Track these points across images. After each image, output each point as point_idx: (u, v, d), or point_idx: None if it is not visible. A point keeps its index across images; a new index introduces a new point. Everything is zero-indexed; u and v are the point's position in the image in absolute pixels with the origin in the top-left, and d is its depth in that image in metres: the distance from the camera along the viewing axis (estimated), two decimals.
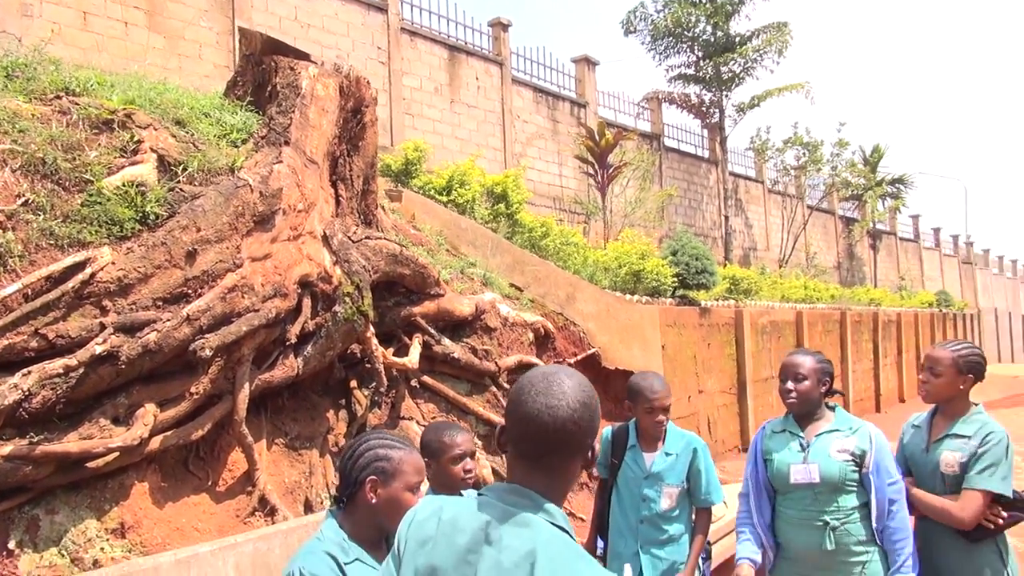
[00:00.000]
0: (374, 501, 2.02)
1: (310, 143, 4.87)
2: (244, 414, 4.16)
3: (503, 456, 6.05)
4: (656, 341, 8.70)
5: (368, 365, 5.15)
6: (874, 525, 2.76)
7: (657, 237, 13.66)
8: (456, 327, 5.99)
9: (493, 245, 7.24)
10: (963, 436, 2.81)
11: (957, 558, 2.80)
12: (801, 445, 2.90)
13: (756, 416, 10.91)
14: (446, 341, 5.76)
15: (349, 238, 5.04)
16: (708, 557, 3.48)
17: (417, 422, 5.45)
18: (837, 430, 2.88)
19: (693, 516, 3.35)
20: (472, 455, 2.68)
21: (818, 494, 2.81)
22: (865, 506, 2.79)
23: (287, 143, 4.72)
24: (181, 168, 4.21)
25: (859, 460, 2.79)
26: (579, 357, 7.42)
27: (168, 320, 3.77)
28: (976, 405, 2.92)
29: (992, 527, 2.74)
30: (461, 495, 2.40)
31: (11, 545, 3.30)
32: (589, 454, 1.40)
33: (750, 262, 18.48)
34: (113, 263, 3.71)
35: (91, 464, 3.52)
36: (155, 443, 3.78)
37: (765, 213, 20.57)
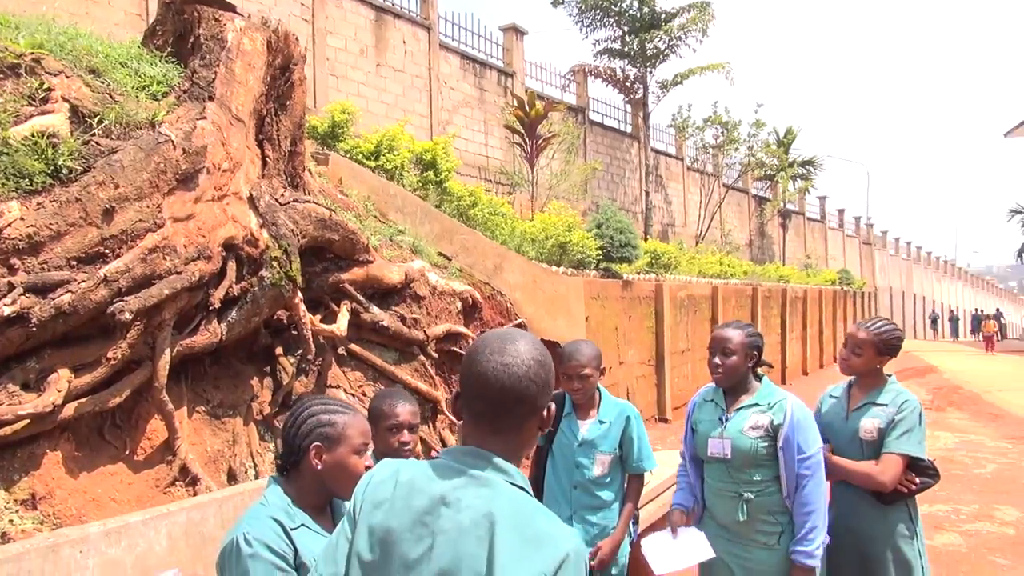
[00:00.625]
0: (319, 467, 1.98)
1: (236, 100, 4.66)
2: (164, 381, 3.99)
3: (435, 428, 6.05)
4: (581, 313, 8.84)
5: (295, 332, 5.03)
6: (785, 499, 2.83)
7: (581, 210, 13.80)
8: (385, 295, 5.91)
9: (422, 213, 7.15)
10: (881, 404, 2.97)
11: (872, 519, 2.95)
12: (721, 419, 2.96)
13: (673, 387, 11.27)
14: (375, 309, 5.68)
15: (276, 200, 4.87)
16: (636, 522, 3.59)
17: (344, 390, 5.37)
18: (756, 404, 2.90)
19: (625, 483, 3.44)
20: (411, 428, 2.65)
21: (732, 467, 2.88)
22: (779, 479, 2.85)
23: (211, 98, 4.49)
24: (96, 120, 3.95)
25: (773, 435, 2.82)
26: (506, 327, 7.47)
27: (83, 281, 3.56)
28: (890, 376, 3.08)
29: (905, 491, 2.90)
30: None
31: None
32: (544, 414, 1.40)
33: (668, 237, 18.94)
34: (22, 219, 3.46)
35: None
36: (69, 410, 3.59)
37: (684, 190, 21.08)
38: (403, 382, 5.80)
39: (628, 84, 17.56)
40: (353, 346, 5.59)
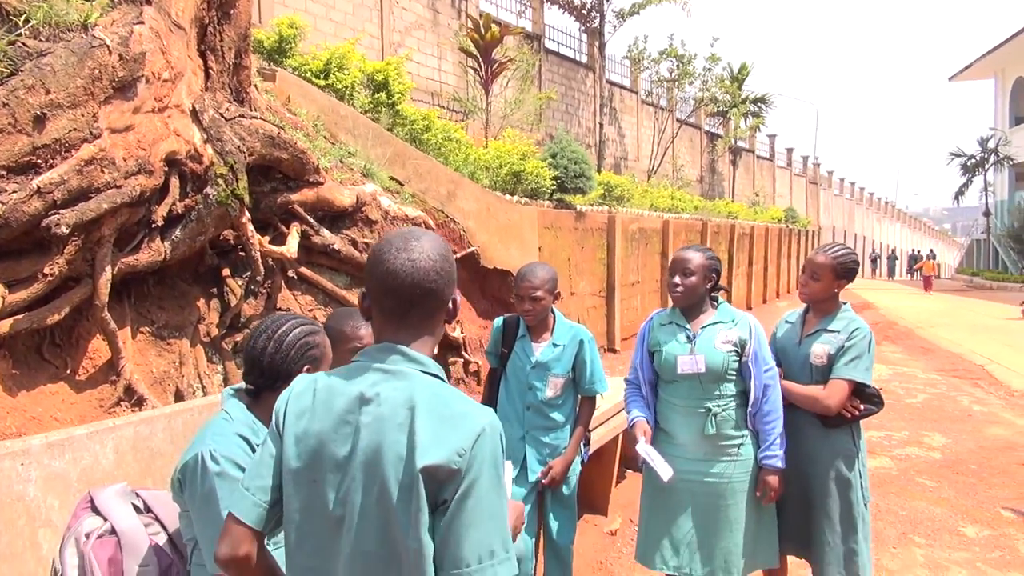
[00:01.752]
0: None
1: (176, 5, 4.37)
2: (106, 299, 3.85)
3: None
4: (534, 242, 8.82)
5: (243, 253, 4.89)
6: (749, 410, 2.96)
7: (536, 140, 13.62)
8: (336, 218, 5.77)
9: (374, 135, 6.94)
10: (833, 331, 3.03)
11: (815, 442, 3.06)
12: (688, 337, 3.03)
13: (623, 319, 11.44)
14: (325, 232, 5.55)
15: (221, 115, 4.65)
16: (587, 443, 3.66)
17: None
18: (720, 322, 3.02)
19: (577, 406, 3.49)
20: None
21: (703, 383, 2.96)
22: (743, 393, 2.99)
23: (148, 2, 4.21)
24: (23, 19, 3.67)
25: (740, 350, 2.95)
26: (459, 255, 7.41)
27: (15, 192, 3.37)
28: (844, 304, 3.12)
29: (849, 416, 3.01)
30: None
31: None
32: (451, 306, 1.47)
33: (621, 171, 18.93)
34: None
35: None
36: (4, 327, 3.44)
37: (637, 124, 20.99)
38: (354, 306, 5.73)
39: (584, 12, 17.21)
40: (303, 269, 5.48)
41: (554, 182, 9.62)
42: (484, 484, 1.28)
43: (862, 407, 3.04)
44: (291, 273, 5.38)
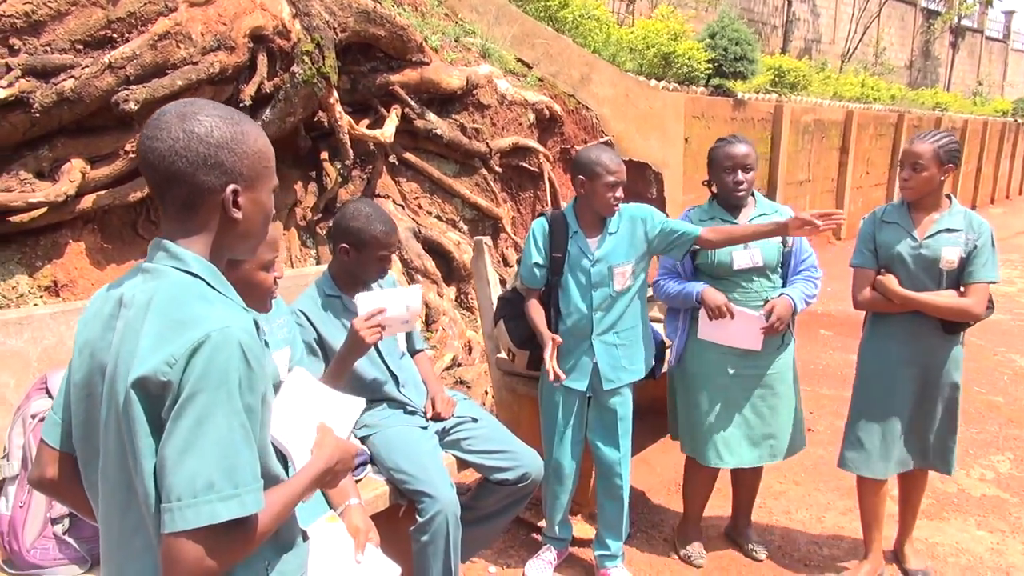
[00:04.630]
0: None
1: None
2: None
3: (496, 246, 5.81)
4: (679, 133, 8.08)
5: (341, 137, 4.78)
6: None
7: (708, 22, 12.36)
8: (444, 102, 5.50)
9: (498, 12, 6.49)
10: (956, 230, 2.77)
11: (937, 349, 2.86)
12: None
13: None
14: (430, 116, 5.31)
15: None
16: (660, 360, 3.24)
17: (394, 201, 5.17)
18: (764, 214, 3.01)
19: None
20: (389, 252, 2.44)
21: (757, 277, 2.97)
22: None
23: None
24: None
25: (783, 240, 2.97)
26: (589, 145, 6.92)
27: (88, 66, 3.39)
28: (950, 196, 2.86)
29: (973, 321, 2.81)
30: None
31: None
32: (228, 192, 1.16)
33: (812, 55, 16.92)
34: None
35: (15, 218, 3.34)
36: (87, 202, 3.57)
37: (836, 0, 18.51)
38: (461, 195, 5.53)
39: None
40: (408, 155, 5.31)
41: (710, 65, 8.67)
42: (205, 402, 1.04)
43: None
44: (393, 159, 5.23)
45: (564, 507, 3.05)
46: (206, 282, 1.15)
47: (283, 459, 1.29)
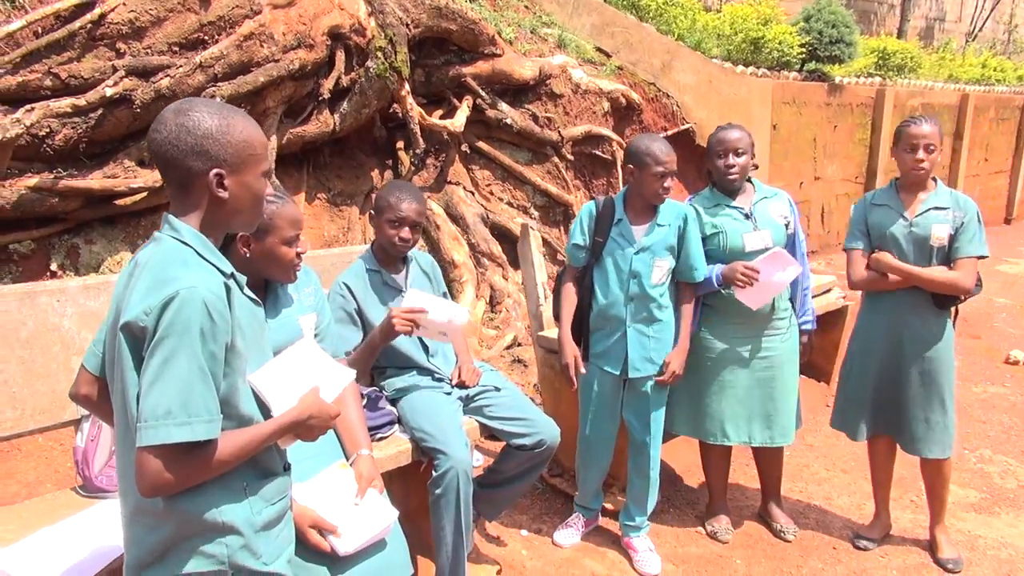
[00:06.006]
0: (247, 255, 2.02)
1: None
2: (273, 164, 4.26)
3: (566, 232, 5.95)
4: (765, 119, 7.92)
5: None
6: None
7: (806, 5, 11.92)
8: (517, 92, 5.69)
9: (576, 2, 6.60)
10: (943, 208, 2.89)
11: (933, 325, 2.96)
12: (744, 215, 3.02)
13: None
14: (502, 105, 5.51)
15: None
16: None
17: (465, 188, 5.41)
18: (766, 197, 3.07)
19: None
20: (413, 226, 2.62)
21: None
22: None
23: None
24: None
25: (787, 223, 3.04)
26: (670, 133, 6.92)
27: (181, 66, 3.80)
28: (935, 178, 2.98)
29: (963, 298, 2.95)
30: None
31: (53, 267, 3.72)
32: (212, 176, 1.39)
33: (934, 36, 15.92)
34: (124, 4, 3.70)
35: (119, 202, 3.80)
36: None
37: None
38: (532, 183, 5.72)
39: None
40: (480, 143, 5.54)
41: (804, 50, 8.41)
42: (171, 346, 1.27)
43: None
44: (466, 147, 5.47)
45: (596, 479, 3.20)
46: (195, 250, 1.38)
47: (266, 408, 1.51)
